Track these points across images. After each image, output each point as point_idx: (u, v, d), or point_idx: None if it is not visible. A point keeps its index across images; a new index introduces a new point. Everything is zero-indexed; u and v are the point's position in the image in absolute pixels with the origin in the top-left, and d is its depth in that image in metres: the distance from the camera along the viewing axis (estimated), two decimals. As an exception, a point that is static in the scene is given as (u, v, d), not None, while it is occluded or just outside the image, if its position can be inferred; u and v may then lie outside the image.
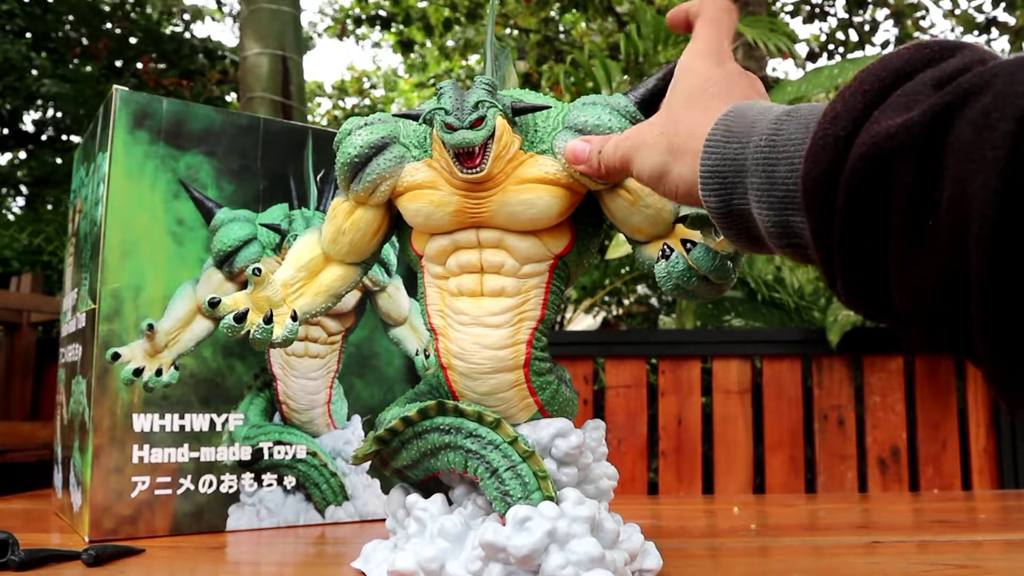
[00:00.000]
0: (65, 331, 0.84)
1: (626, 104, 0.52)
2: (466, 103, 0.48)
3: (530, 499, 0.49)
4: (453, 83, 0.50)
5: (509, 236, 0.52)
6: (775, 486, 1.67)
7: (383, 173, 0.52)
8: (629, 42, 1.91)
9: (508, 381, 0.52)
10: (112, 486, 0.68)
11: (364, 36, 6.96)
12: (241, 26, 2.84)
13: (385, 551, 0.55)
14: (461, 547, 0.50)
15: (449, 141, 0.48)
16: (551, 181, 0.50)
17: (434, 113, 0.49)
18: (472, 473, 0.51)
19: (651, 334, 1.99)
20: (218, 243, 0.73)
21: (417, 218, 0.52)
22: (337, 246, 0.56)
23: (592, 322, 4.58)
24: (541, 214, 0.51)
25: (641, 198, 0.51)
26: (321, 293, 0.56)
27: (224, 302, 0.53)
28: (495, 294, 0.52)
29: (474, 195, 0.50)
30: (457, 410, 0.52)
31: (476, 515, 0.52)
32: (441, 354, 0.54)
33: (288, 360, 0.77)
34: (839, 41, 5.87)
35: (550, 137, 0.51)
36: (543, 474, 0.50)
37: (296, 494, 0.76)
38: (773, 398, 1.71)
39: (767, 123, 0.35)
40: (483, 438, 0.51)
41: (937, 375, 1.69)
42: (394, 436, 0.54)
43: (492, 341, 0.52)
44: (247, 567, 0.62)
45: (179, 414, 0.72)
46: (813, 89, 2.02)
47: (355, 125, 0.54)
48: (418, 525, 0.52)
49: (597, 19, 5.98)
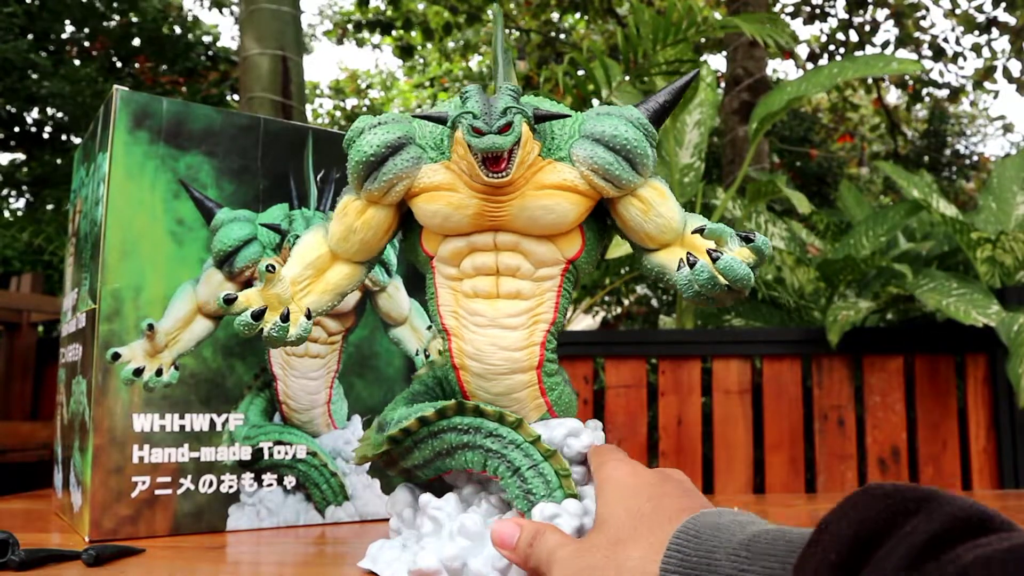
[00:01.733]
0: (65, 331, 0.84)
1: (639, 116, 0.53)
2: (494, 108, 0.49)
3: (552, 497, 0.50)
4: (478, 87, 0.51)
5: (525, 240, 0.53)
6: (775, 486, 1.67)
7: (400, 173, 0.52)
8: (628, 43, 1.91)
9: (522, 382, 0.53)
10: (112, 486, 0.68)
11: (364, 41, 6.96)
12: (241, 26, 2.84)
13: (394, 550, 0.55)
14: (482, 545, 0.50)
15: (478, 145, 0.48)
16: (569, 188, 0.51)
17: (462, 117, 0.49)
18: (491, 472, 0.51)
19: (651, 334, 1.99)
20: (218, 243, 0.73)
21: (434, 219, 0.53)
22: (347, 244, 0.55)
23: (592, 322, 4.58)
24: (560, 219, 0.52)
25: (653, 207, 0.53)
26: (328, 291, 0.56)
27: (239, 299, 0.53)
28: (511, 296, 0.53)
29: (494, 199, 0.51)
30: (477, 410, 0.52)
31: (491, 513, 0.53)
32: (454, 355, 0.54)
33: (288, 360, 0.77)
34: (839, 42, 5.87)
35: (567, 144, 0.52)
36: (565, 472, 0.51)
37: (296, 494, 0.76)
38: (773, 398, 1.71)
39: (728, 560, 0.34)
40: (504, 438, 0.51)
41: (937, 375, 1.69)
42: (407, 436, 0.54)
43: (509, 343, 0.53)
44: (247, 567, 0.62)
45: (179, 414, 0.72)
46: (812, 89, 2.02)
47: (368, 123, 0.53)
48: (433, 524, 0.52)
49: (597, 20, 5.99)
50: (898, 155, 6.76)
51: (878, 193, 6.71)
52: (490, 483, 0.55)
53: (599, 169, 0.51)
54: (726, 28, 2.07)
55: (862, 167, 7.32)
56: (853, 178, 6.92)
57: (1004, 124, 8.62)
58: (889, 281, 1.83)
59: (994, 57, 5.63)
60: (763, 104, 2.04)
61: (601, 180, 0.51)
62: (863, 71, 2.03)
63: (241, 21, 2.83)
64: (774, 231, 2.16)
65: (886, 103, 6.58)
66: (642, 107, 0.54)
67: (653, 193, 0.53)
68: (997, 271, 1.78)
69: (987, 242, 1.73)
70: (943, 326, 1.70)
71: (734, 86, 3.36)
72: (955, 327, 1.59)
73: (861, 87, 6.59)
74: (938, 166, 7.20)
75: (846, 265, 1.73)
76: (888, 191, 6.63)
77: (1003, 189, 2.04)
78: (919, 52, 5.90)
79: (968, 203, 5.72)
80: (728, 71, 3.49)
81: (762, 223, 2.15)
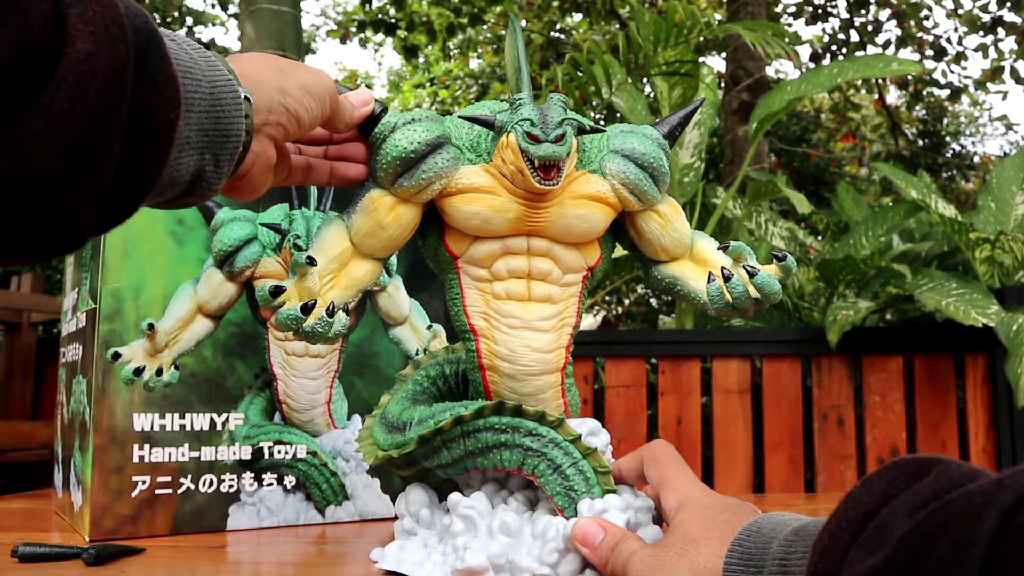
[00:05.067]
0: (65, 331, 0.84)
1: (658, 136, 0.57)
2: (549, 118, 0.51)
3: (591, 493, 0.52)
4: (530, 95, 0.53)
5: (557, 246, 0.55)
6: (775, 486, 1.67)
7: (439, 172, 0.52)
8: (630, 44, 1.91)
9: (549, 383, 0.56)
10: (112, 485, 0.68)
11: (367, 40, 6.96)
12: (241, 26, 2.84)
13: (418, 551, 0.55)
14: (521, 541, 0.51)
15: (536, 152, 0.50)
16: (601, 199, 0.54)
17: (519, 123, 0.50)
18: (528, 470, 0.53)
19: (651, 334, 1.99)
20: (218, 243, 0.73)
21: (473, 221, 0.53)
22: (373, 240, 0.55)
23: (592, 321, 4.58)
24: (592, 228, 0.55)
25: (671, 222, 0.57)
26: (350, 287, 0.55)
27: (288, 290, 0.53)
28: (542, 300, 0.55)
29: (534, 204, 0.53)
30: (518, 410, 0.53)
31: (520, 511, 0.55)
32: (483, 355, 0.55)
33: (288, 360, 0.77)
34: (841, 42, 5.86)
35: (598, 158, 0.55)
36: (604, 469, 0.53)
37: (296, 493, 0.76)
38: (773, 398, 1.71)
39: (778, 545, 0.38)
40: (544, 436, 0.53)
41: (936, 375, 1.69)
42: (436, 435, 0.54)
43: (540, 344, 0.55)
44: (247, 566, 0.62)
45: (179, 414, 0.72)
46: (812, 89, 2.02)
47: (400, 119, 0.54)
48: (465, 523, 0.53)
49: (599, 22, 5.99)
50: (899, 156, 6.76)
51: (878, 194, 6.71)
52: (509, 481, 0.56)
53: (629, 184, 0.54)
54: (727, 30, 2.07)
55: (862, 167, 7.32)
56: (853, 178, 6.93)
57: (1006, 124, 8.61)
58: (888, 281, 1.83)
59: (1001, 57, 5.62)
60: (763, 104, 2.04)
61: (629, 194, 0.55)
62: (863, 71, 2.03)
63: (241, 21, 2.83)
64: (774, 231, 2.16)
65: (887, 103, 6.58)
66: (658, 127, 0.58)
67: (670, 209, 0.57)
68: (996, 271, 1.78)
69: (986, 242, 1.73)
70: (942, 326, 1.70)
71: (734, 86, 3.36)
72: (954, 327, 1.59)
73: (863, 87, 6.58)
74: (936, 166, 7.20)
75: (845, 265, 1.73)
76: (887, 191, 6.63)
77: (1002, 189, 2.04)
78: (921, 52, 5.89)
79: (967, 203, 5.72)
80: (728, 71, 3.49)
81: (762, 223, 2.15)
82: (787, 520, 0.40)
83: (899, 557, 0.28)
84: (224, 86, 0.41)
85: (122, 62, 0.32)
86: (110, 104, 0.32)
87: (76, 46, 0.30)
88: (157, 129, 0.35)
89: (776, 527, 0.40)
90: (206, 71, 0.40)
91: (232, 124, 0.41)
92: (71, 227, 0.33)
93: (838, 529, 0.31)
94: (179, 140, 0.38)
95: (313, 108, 0.48)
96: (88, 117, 0.31)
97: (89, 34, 0.31)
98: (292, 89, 0.46)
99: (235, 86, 0.42)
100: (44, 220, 0.32)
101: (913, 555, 0.27)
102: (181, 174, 0.39)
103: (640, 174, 0.54)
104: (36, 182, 0.31)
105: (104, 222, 0.36)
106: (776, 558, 0.37)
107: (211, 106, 0.40)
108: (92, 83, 0.31)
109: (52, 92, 0.30)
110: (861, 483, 0.33)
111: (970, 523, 0.26)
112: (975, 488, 0.27)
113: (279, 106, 0.46)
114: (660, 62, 1.98)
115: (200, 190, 0.42)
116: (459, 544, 0.52)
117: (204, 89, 0.39)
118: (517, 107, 0.52)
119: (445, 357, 0.65)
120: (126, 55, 0.33)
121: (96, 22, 0.31)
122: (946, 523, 0.27)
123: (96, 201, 0.34)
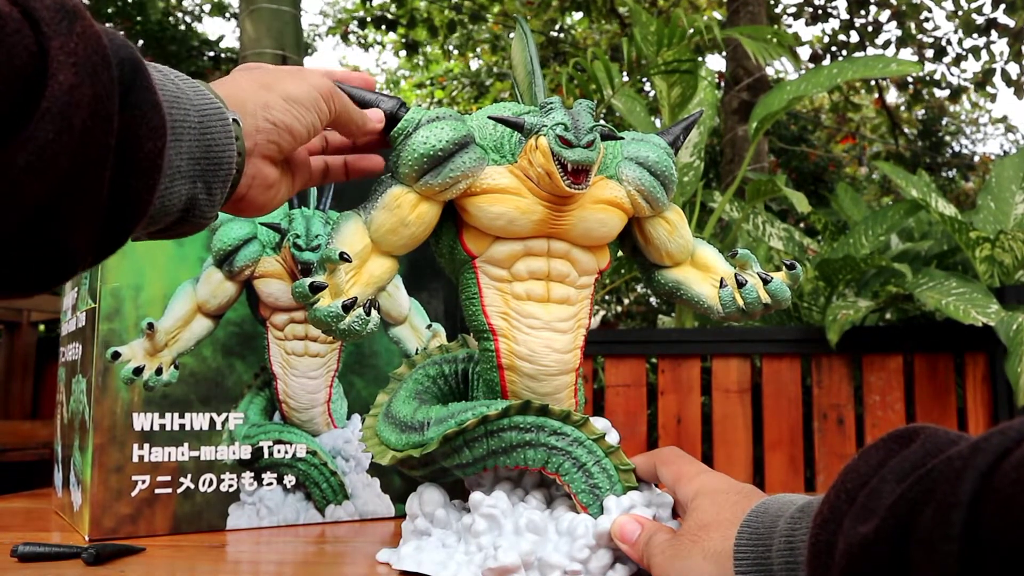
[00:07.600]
0: (65, 330, 0.84)
1: (666, 145, 0.58)
2: (580, 123, 0.51)
3: (614, 490, 0.53)
4: (560, 100, 0.53)
5: (575, 249, 0.56)
6: (775, 485, 1.67)
7: (466, 171, 0.53)
8: (632, 44, 1.91)
9: (566, 383, 0.57)
10: (112, 485, 0.68)
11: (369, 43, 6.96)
12: (241, 26, 2.84)
13: (437, 551, 0.55)
14: (547, 539, 0.52)
15: (569, 156, 0.50)
16: (618, 204, 0.56)
17: (553, 127, 0.51)
18: (553, 469, 0.53)
19: (651, 333, 1.99)
20: (218, 242, 0.73)
21: (498, 221, 0.54)
22: (395, 237, 0.54)
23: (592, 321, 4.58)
24: (609, 232, 0.56)
25: (677, 229, 0.58)
26: (371, 284, 0.55)
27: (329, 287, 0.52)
28: (561, 301, 0.56)
29: (557, 207, 0.54)
30: (544, 409, 0.53)
31: (541, 509, 0.55)
32: (502, 355, 0.55)
33: (288, 359, 0.77)
34: (841, 43, 5.86)
35: (614, 164, 0.56)
36: (626, 467, 0.54)
37: (296, 493, 0.76)
38: (772, 397, 1.71)
39: (784, 523, 0.39)
40: (568, 435, 0.53)
41: (936, 374, 1.69)
42: (459, 434, 0.54)
43: (560, 345, 0.56)
44: (247, 566, 0.62)
45: (179, 413, 0.72)
46: (812, 89, 2.02)
47: (424, 116, 0.53)
48: (488, 522, 0.53)
49: (600, 21, 5.99)
50: (899, 156, 6.75)
51: (877, 194, 6.71)
52: (523, 479, 0.57)
53: (644, 190, 0.56)
54: (728, 35, 2.07)
55: (861, 167, 7.32)
56: (852, 179, 6.92)
57: (1006, 125, 8.61)
58: (888, 280, 1.83)
59: (992, 60, 5.62)
60: (763, 104, 2.04)
61: (643, 200, 0.56)
62: (863, 72, 2.03)
63: (241, 20, 2.83)
64: (772, 231, 2.16)
65: (887, 104, 6.58)
66: (663, 137, 0.59)
67: (677, 217, 0.59)
68: (996, 270, 1.78)
69: (986, 241, 1.73)
70: (942, 325, 1.70)
71: (733, 86, 3.36)
72: (954, 326, 1.59)
73: (863, 87, 6.58)
74: (936, 166, 7.20)
75: (845, 264, 1.73)
76: (886, 191, 6.63)
77: (1002, 188, 2.04)
78: (921, 53, 5.89)
79: (966, 202, 5.72)
80: (728, 71, 3.49)
81: (760, 224, 2.15)
82: (794, 500, 0.41)
83: (889, 526, 0.29)
84: (213, 113, 0.41)
85: (107, 92, 0.32)
86: (97, 134, 0.32)
87: (59, 78, 0.30)
88: (145, 158, 0.35)
89: (783, 506, 0.41)
90: (193, 100, 0.40)
91: (223, 151, 0.41)
92: (61, 259, 0.33)
93: (836, 500, 0.32)
94: (169, 169, 0.38)
95: (305, 116, 0.48)
96: (75, 148, 0.31)
97: (71, 65, 0.31)
98: (276, 103, 0.46)
99: (223, 112, 0.42)
100: (33, 252, 0.32)
101: (901, 523, 0.28)
102: (173, 203, 0.39)
103: (654, 182, 0.56)
104: (23, 214, 0.31)
105: (95, 253, 0.36)
106: (783, 535, 0.38)
107: (201, 134, 0.40)
108: (77, 114, 0.31)
109: (36, 123, 0.30)
110: (858, 455, 0.34)
111: (951, 488, 0.27)
112: (954, 453, 0.28)
113: (266, 123, 0.46)
114: (660, 62, 1.98)
115: (193, 219, 0.42)
116: (484, 543, 0.52)
117: (192, 118, 0.40)
118: (548, 111, 0.52)
119: (442, 356, 0.65)
120: (111, 86, 0.33)
121: (78, 53, 0.31)
122: (931, 490, 0.28)
123: (86, 232, 0.34)
